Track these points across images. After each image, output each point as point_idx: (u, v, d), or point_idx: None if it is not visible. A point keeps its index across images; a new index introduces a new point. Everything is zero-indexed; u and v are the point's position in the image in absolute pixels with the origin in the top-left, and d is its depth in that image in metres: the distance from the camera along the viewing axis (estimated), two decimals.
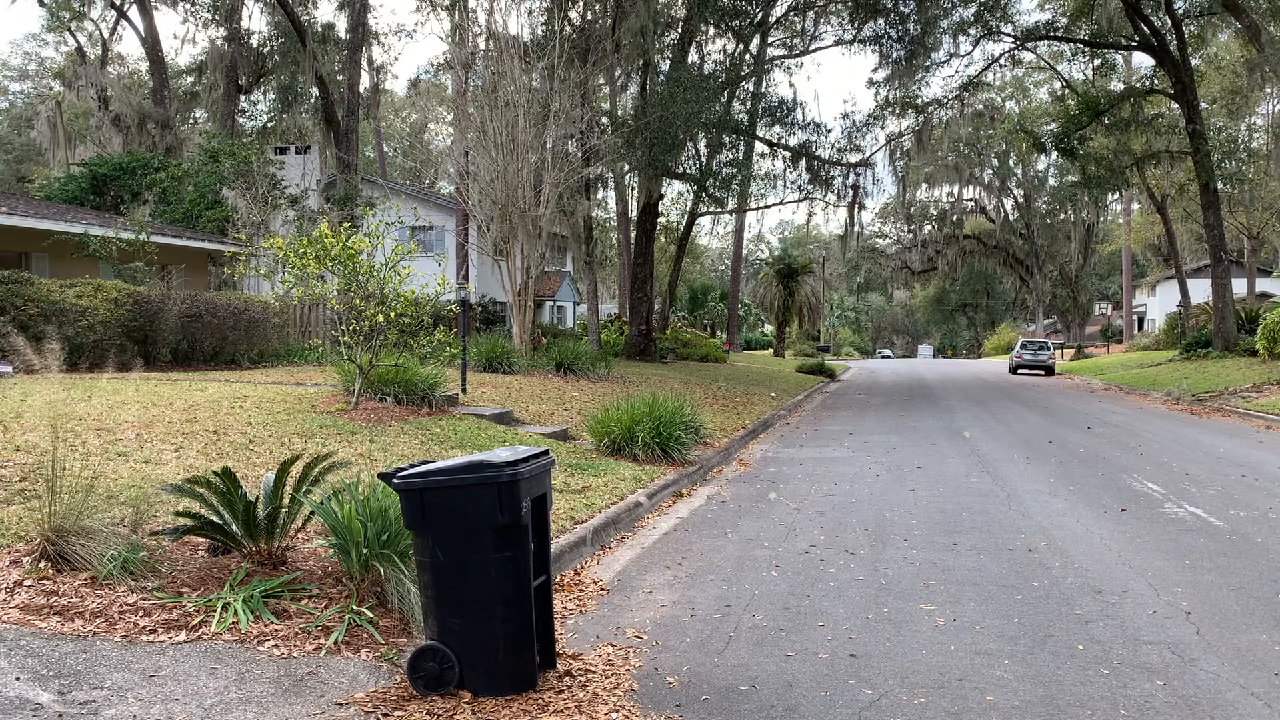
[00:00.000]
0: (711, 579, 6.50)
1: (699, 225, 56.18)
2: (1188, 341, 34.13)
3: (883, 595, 6.09)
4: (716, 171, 29.35)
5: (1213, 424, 17.63)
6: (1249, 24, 28.33)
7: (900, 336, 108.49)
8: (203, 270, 22.65)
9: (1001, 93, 49.37)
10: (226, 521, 5.34)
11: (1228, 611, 5.75)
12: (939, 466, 11.85)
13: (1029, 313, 74.34)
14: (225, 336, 15.14)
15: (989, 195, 60.90)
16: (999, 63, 37.69)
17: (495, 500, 4.25)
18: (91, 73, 35.86)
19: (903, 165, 39.48)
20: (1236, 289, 37.28)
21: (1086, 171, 36.08)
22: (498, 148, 19.29)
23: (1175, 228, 45.13)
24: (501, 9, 25.73)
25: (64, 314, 12.74)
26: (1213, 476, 11.02)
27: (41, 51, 55.11)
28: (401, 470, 4.43)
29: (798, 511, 8.90)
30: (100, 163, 26.48)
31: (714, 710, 4.28)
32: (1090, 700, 4.41)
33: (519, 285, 20.10)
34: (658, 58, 27.71)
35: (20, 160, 50.78)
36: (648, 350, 29.05)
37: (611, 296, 55.13)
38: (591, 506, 8.15)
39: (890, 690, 4.51)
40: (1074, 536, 7.81)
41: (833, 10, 31.24)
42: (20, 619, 4.50)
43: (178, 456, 7.42)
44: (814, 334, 66.74)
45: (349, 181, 28.41)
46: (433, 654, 4.31)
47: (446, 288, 12.57)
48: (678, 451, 11.23)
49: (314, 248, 10.99)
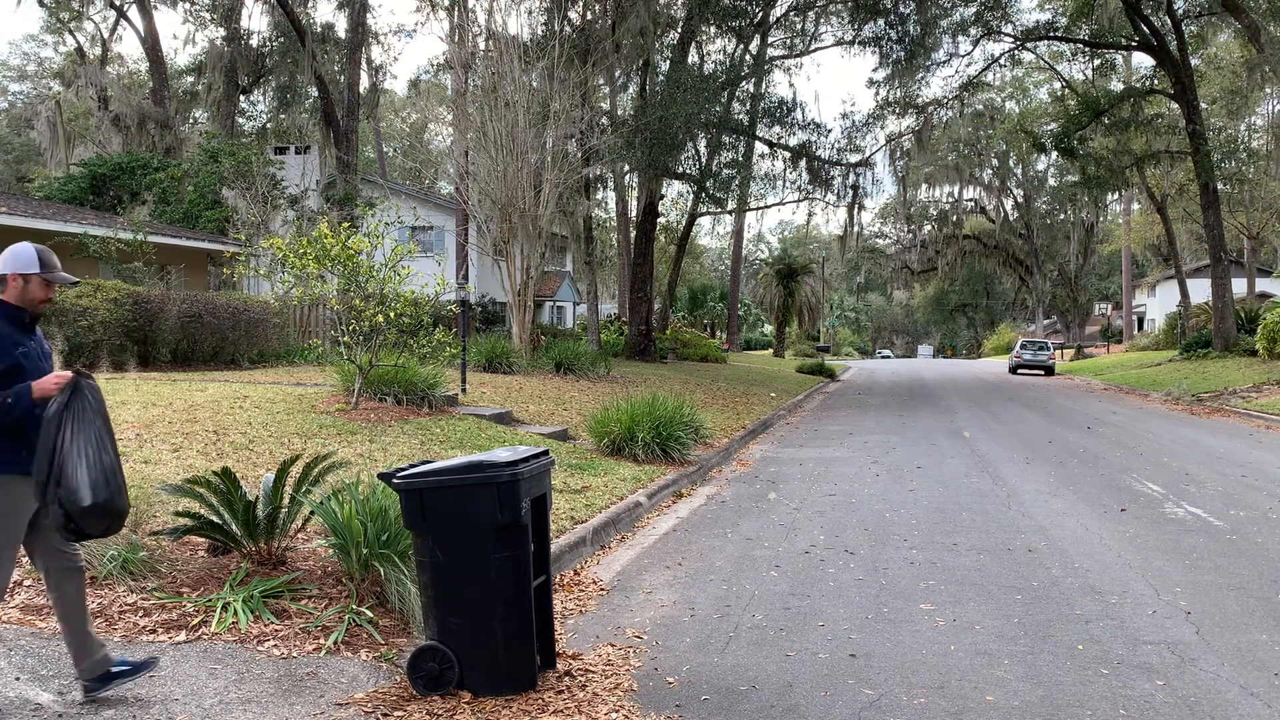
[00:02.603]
0: (711, 579, 6.50)
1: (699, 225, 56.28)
2: (1187, 341, 34.13)
3: (883, 595, 6.09)
4: (716, 172, 29.35)
5: (1213, 424, 17.64)
6: (1249, 24, 28.33)
7: (900, 336, 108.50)
8: (202, 270, 22.65)
9: (1001, 93, 49.38)
10: (226, 521, 5.34)
11: (1228, 611, 5.75)
12: (939, 466, 11.85)
13: (1029, 313, 74.38)
14: (225, 336, 15.14)
15: (989, 195, 60.95)
16: (999, 63, 37.72)
17: (495, 500, 4.25)
18: (91, 73, 35.85)
19: (903, 165, 39.50)
20: (1236, 289, 37.29)
21: (1086, 171, 36.08)
22: (498, 148, 19.29)
23: (1175, 228, 45.12)
24: (501, 9, 25.80)
25: (64, 314, 12.73)
26: (1213, 476, 11.02)
27: (41, 52, 55.16)
28: (401, 470, 4.43)
29: (798, 511, 8.90)
30: (100, 163, 26.47)
31: (714, 710, 4.28)
32: (1090, 700, 4.41)
33: (519, 285, 20.09)
34: (658, 58, 27.73)
35: (20, 160, 50.78)
36: (647, 350, 29.05)
37: (611, 296, 55.11)
38: (591, 506, 8.15)
39: (890, 690, 4.51)
40: (1074, 536, 7.81)
41: (833, 10, 31.25)
42: (20, 619, 4.50)
43: (177, 456, 7.42)
44: (814, 334, 66.73)
45: (349, 181, 28.42)
46: (432, 654, 4.31)
47: (446, 288, 12.57)
48: (677, 451, 11.22)
49: (314, 248, 10.99)
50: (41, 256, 3.80)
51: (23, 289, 3.74)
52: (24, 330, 3.77)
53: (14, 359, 3.66)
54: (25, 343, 3.74)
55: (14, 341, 3.69)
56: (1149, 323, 60.46)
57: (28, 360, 3.71)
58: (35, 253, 3.79)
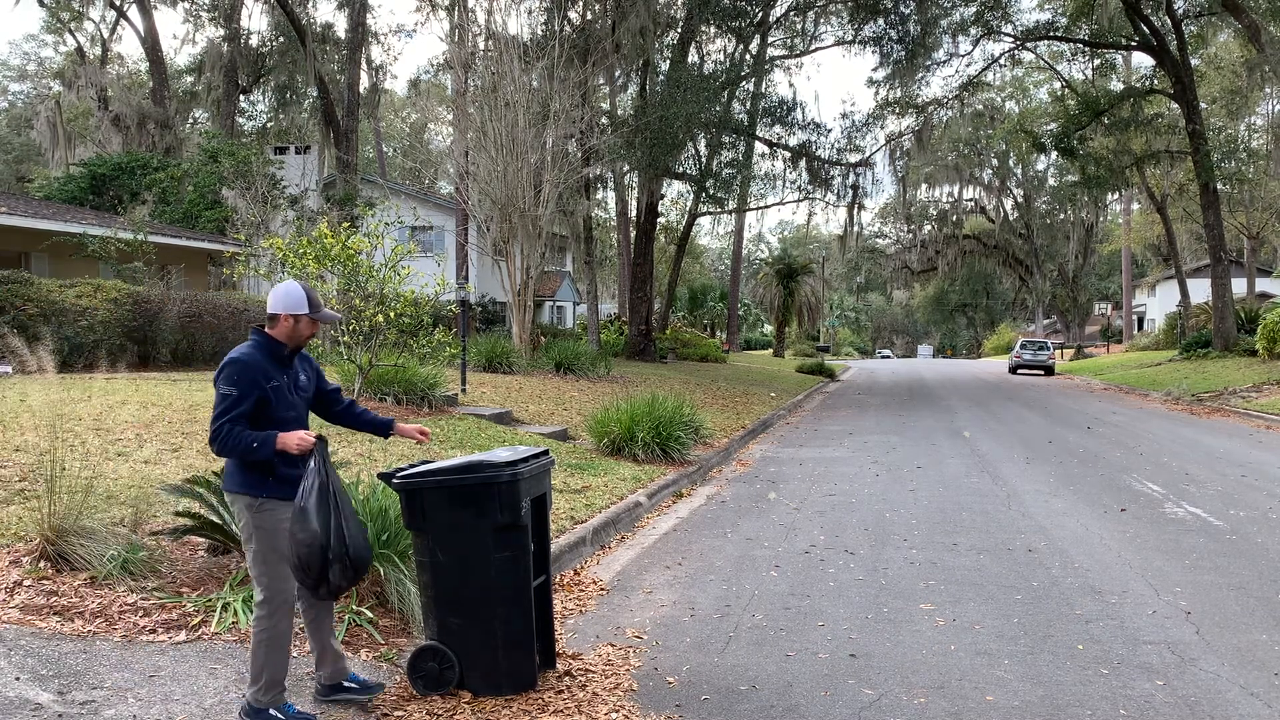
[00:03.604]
0: (711, 579, 6.50)
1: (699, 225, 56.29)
2: (1187, 341, 34.12)
3: (882, 595, 6.09)
4: (716, 172, 29.35)
5: (1212, 424, 17.64)
6: (1249, 24, 28.32)
7: (900, 336, 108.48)
8: (202, 270, 22.65)
9: (1001, 93, 49.36)
10: (226, 521, 5.34)
11: (1228, 611, 5.75)
12: (939, 466, 11.85)
13: (1029, 313, 74.37)
14: (225, 336, 15.14)
15: (989, 195, 60.91)
16: (999, 63, 37.70)
17: (495, 500, 4.25)
18: (91, 73, 35.84)
19: (902, 165, 39.48)
20: (1236, 289, 37.29)
21: (1086, 171, 36.07)
22: (497, 148, 19.28)
23: (1175, 228, 45.11)
24: (501, 9, 25.78)
25: (64, 314, 12.73)
26: (1212, 476, 11.02)
27: (41, 52, 55.18)
28: (401, 470, 4.43)
29: (797, 511, 8.90)
30: (100, 163, 26.46)
31: (714, 710, 4.28)
32: (1090, 700, 4.41)
33: (519, 285, 20.09)
34: (658, 58, 27.71)
35: (20, 160, 50.78)
36: (647, 350, 29.05)
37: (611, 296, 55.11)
38: (591, 506, 8.15)
39: (890, 690, 4.51)
40: (1074, 536, 7.81)
41: (833, 10, 31.25)
42: (20, 619, 4.50)
43: (177, 456, 7.42)
44: (814, 334, 66.70)
45: (349, 181, 28.41)
46: (432, 654, 4.31)
47: (446, 288, 12.57)
48: (677, 451, 11.22)
49: (313, 248, 10.99)
50: (310, 297, 4.06)
51: (293, 328, 4.00)
52: (281, 363, 4.02)
53: (263, 392, 3.89)
54: (278, 377, 3.97)
55: (266, 375, 3.91)
56: (1149, 323, 60.45)
57: (276, 395, 3.94)
58: (305, 293, 4.05)
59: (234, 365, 3.86)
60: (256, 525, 3.89)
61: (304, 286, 4.09)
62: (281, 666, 3.91)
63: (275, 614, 3.89)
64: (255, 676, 3.87)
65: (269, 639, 3.87)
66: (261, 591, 3.91)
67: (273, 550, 3.89)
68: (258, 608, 3.92)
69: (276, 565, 3.90)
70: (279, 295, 4.01)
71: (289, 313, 3.98)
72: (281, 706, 3.89)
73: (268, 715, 3.84)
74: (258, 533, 3.89)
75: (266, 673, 3.86)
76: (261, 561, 3.90)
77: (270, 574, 3.90)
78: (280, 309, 3.98)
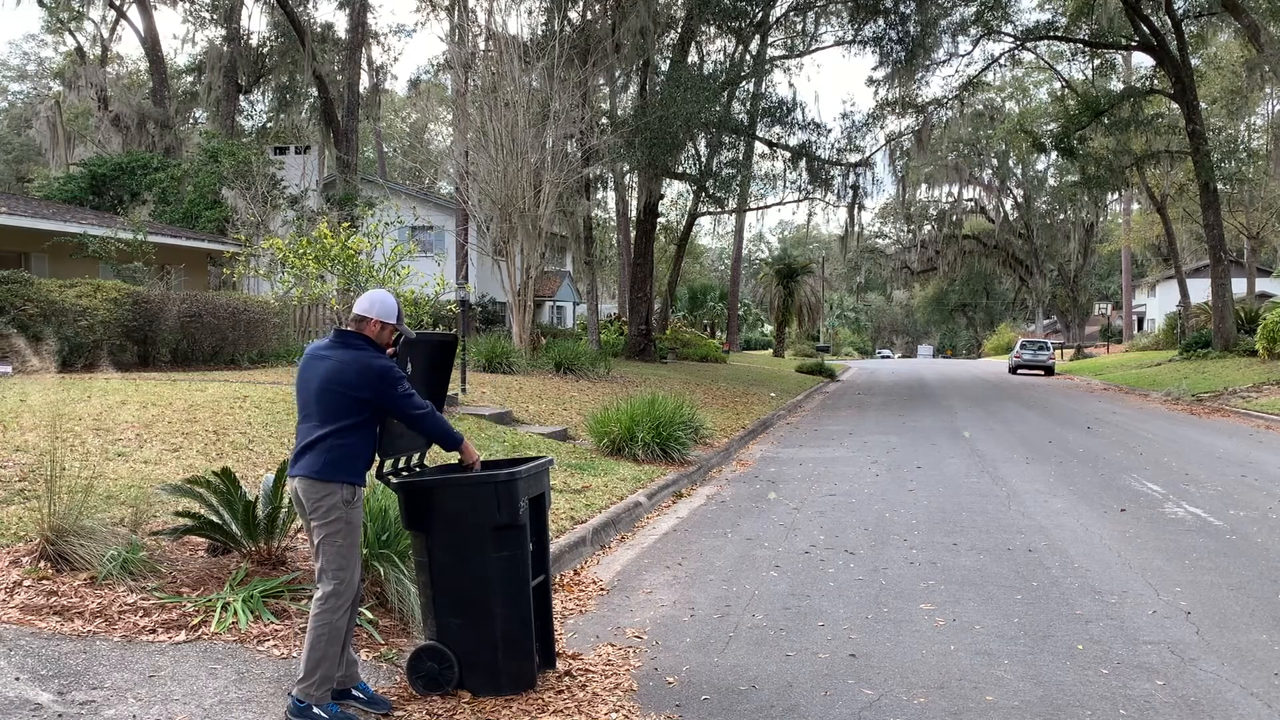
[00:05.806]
0: (711, 579, 6.50)
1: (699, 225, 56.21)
2: (1187, 341, 34.12)
3: (882, 595, 6.09)
4: (716, 171, 29.34)
5: (1212, 424, 17.63)
6: (1249, 24, 28.32)
7: (900, 336, 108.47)
8: (202, 270, 22.64)
9: (1001, 93, 49.33)
10: (226, 521, 5.34)
11: (1227, 611, 5.75)
12: (939, 466, 11.85)
13: (1029, 313, 74.34)
14: (225, 336, 15.12)
15: (989, 195, 60.89)
16: (999, 63, 37.69)
17: (493, 500, 4.25)
18: (91, 73, 35.80)
19: (902, 165, 39.52)
20: (1236, 289, 37.24)
21: (1086, 171, 36.07)
22: (498, 148, 19.28)
23: (1175, 228, 45.09)
24: (501, 9, 25.80)
25: (64, 314, 12.73)
26: (1212, 476, 11.02)
27: (41, 51, 55.16)
28: (400, 470, 4.43)
29: (798, 511, 8.90)
30: (99, 163, 26.45)
31: (714, 710, 4.28)
32: (1090, 700, 4.41)
33: (519, 285, 20.09)
34: (658, 58, 27.71)
35: (20, 160, 50.76)
36: (647, 350, 29.04)
37: (611, 296, 55.09)
38: (591, 506, 8.15)
39: (890, 690, 4.51)
40: (1074, 536, 7.81)
41: (833, 10, 31.23)
42: (20, 619, 4.50)
43: (177, 457, 7.41)
44: (814, 334, 66.67)
45: (349, 181, 28.42)
46: (432, 654, 4.31)
47: (446, 288, 12.59)
48: (677, 451, 11.23)
49: (313, 248, 11.00)
50: (400, 310, 4.33)
51: (379, 332, 4.21)
52: None
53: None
54: None
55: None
56: (1149, 323, 60.44)
57: None
58: (398, 306, 4.32)
59: (388, 363, 4.10)
60: (349, 519, 4.00)
61: (396, 298, 4.36)
62: (335, 662, 3.96)
63: (340, 608, 3.96)
64: (310, 670, 3.89)
65: (330, 632, 3.91)
66: (331, 584, 3.97)
67: (355, 544, 4.03)
68: (324, 600, 3.95)
69: (353, 558, 4.02)
70: (375, 301, 4.21)
71: (381, 320, 4.18)
72: (326, 705, 3.92)
73: (312, 714, 3.86)
74: (348, 526, 4.00)
75: (322, 667, 3.89)
76: (342, 555, 3.99)
77: (348, 567, 4.01)
78: (375, 314, 4.18)
